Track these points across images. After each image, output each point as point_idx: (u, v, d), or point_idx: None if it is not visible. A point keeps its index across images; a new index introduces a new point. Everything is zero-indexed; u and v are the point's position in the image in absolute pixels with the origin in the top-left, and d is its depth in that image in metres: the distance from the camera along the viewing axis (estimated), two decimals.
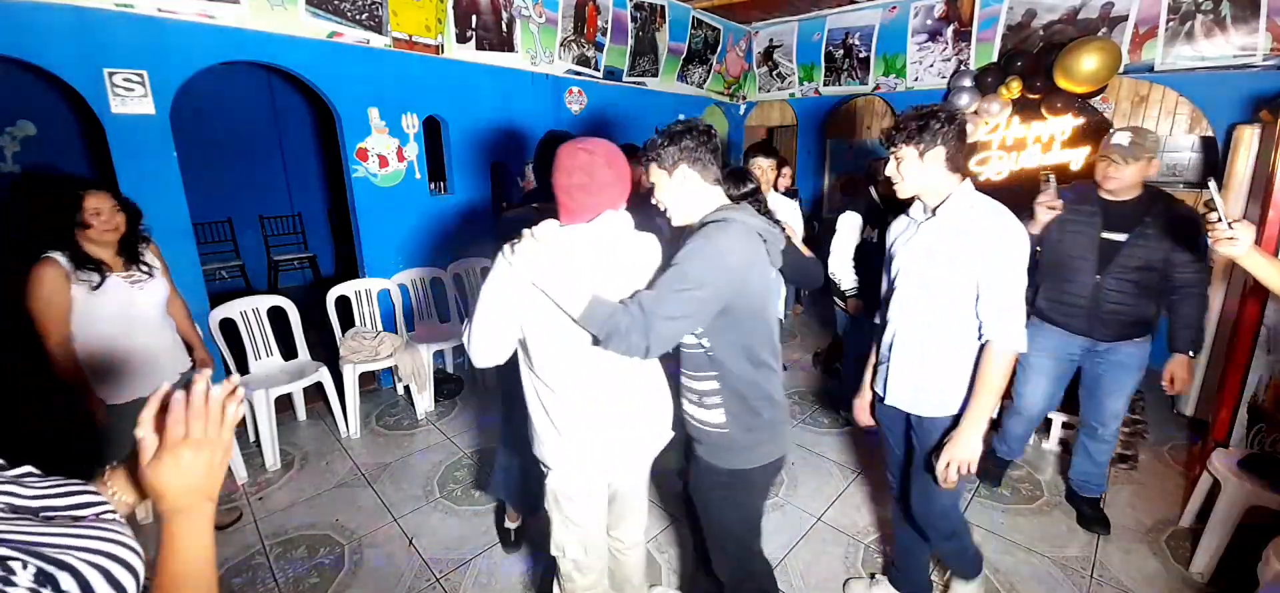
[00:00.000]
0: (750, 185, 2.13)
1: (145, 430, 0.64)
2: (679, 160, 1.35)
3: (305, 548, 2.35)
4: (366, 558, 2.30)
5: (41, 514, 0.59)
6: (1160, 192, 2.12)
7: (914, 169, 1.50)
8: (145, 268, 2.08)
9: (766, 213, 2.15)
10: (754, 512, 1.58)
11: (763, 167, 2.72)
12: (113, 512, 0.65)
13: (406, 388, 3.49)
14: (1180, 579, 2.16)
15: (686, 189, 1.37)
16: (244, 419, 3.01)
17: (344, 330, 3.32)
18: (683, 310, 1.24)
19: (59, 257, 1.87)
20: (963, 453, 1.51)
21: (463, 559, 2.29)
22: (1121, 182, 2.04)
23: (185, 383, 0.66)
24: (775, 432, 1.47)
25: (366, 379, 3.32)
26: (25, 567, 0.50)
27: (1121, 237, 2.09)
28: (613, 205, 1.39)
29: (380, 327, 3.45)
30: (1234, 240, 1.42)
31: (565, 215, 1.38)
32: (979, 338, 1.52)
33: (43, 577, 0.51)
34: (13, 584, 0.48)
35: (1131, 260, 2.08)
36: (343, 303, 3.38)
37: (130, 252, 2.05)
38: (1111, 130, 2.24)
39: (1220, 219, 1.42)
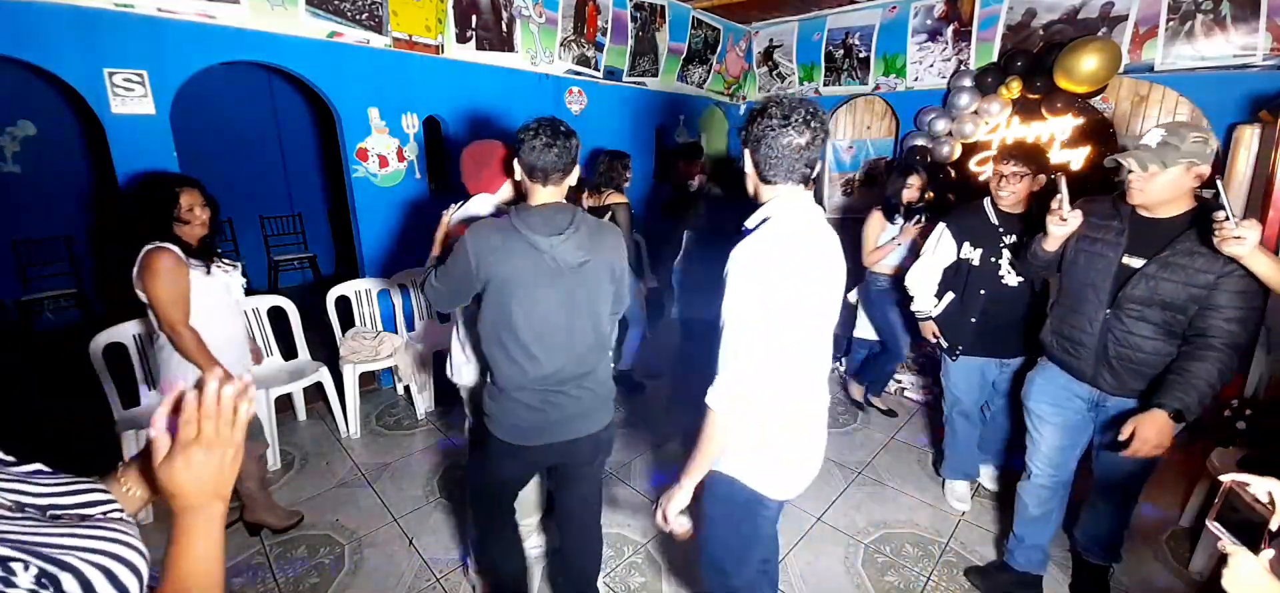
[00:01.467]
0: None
1: (159, 430, 0.65)
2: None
3: (305, 548, 2.36)
4: (366, 558, 2.30)
5: (49, 513, 0.59)
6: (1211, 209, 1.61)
7: None
8: (231, 261, 2.27)
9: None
10: (492, 482, 1.71)
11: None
12: (120, 511, 0.65)
13: (406, 388, 3.49)
14: (1180, 579, 2.16)
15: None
16: None
17: (344, 330, 3.32)
18: (442, 284, 1.56)
19: (171, 245, 2.01)
20: (667, 501, 1.33)
21: (462, 559, 2.29)
22: (1146, 195, 1.62)
23: (198, 383, 0.67)
24: (516, 421, 1.57)
25: (366, 379, 3.33)
26: (27, 568, 0.50)
27: (1140, 262, 1.68)
28: (485, 190, 1.88)
29: (380, 327, 3.45)
30: (1241, 240, 1.41)
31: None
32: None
33: (45, 578, 0.51)
34: (13, 585, 0.49)
35: (1145, 294, 1.65)
36: (343, 303, 3.38)
37: (210, 244, 2.20)
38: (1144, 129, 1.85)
39: (1228, 217, 1.42)
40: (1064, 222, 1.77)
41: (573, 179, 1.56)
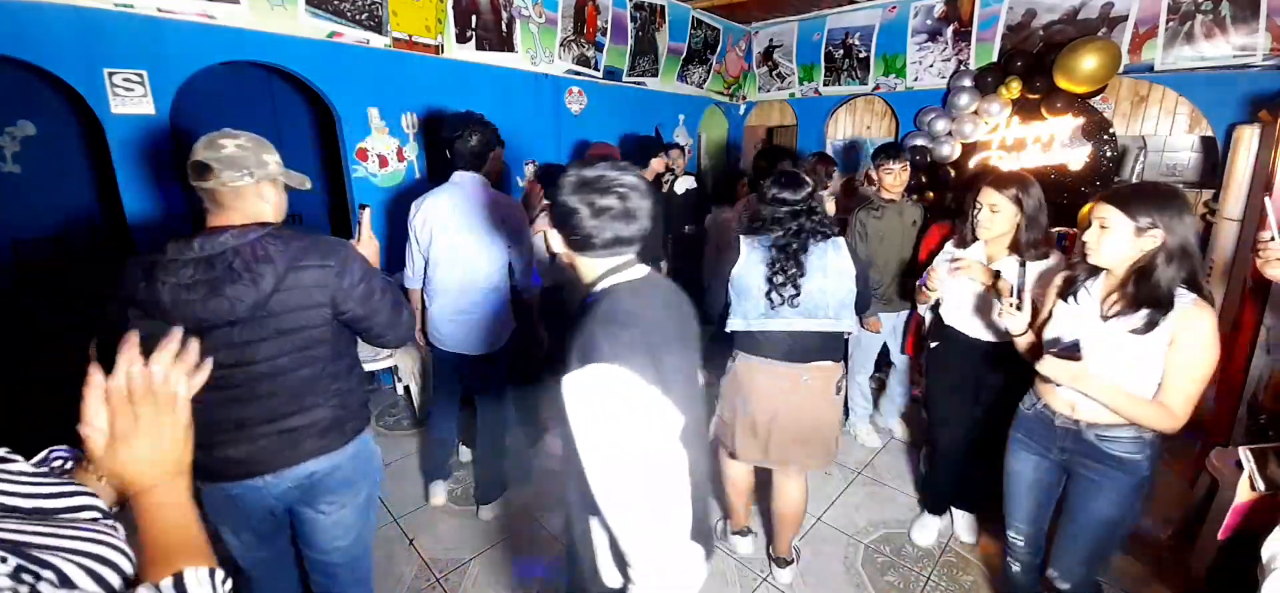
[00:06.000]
0: (804, 191, 1.86)
1: (88, 425, 0.61)
2: None
3: None
4: None
5: (34, 514, 0.59)
6: None
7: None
8: None
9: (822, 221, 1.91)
10: None
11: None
12: (106, 514, 0.64)
13: (406, 388, 3.49)
14: (1180, 578, 2.16)
15: None
16: None
17: None
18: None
19: None
20: None
21: (462, 560, 2.29)
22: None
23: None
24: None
25: (366, 379, 3.32)
26: (4, 562, 0.50)
27: None
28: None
29: None
30: None
31: None
32: None
33: (23, 573, 0.51)
34: None
35: None
36: None
37: None
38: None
39: (1274, 238, 1.37)
40: None
41: None
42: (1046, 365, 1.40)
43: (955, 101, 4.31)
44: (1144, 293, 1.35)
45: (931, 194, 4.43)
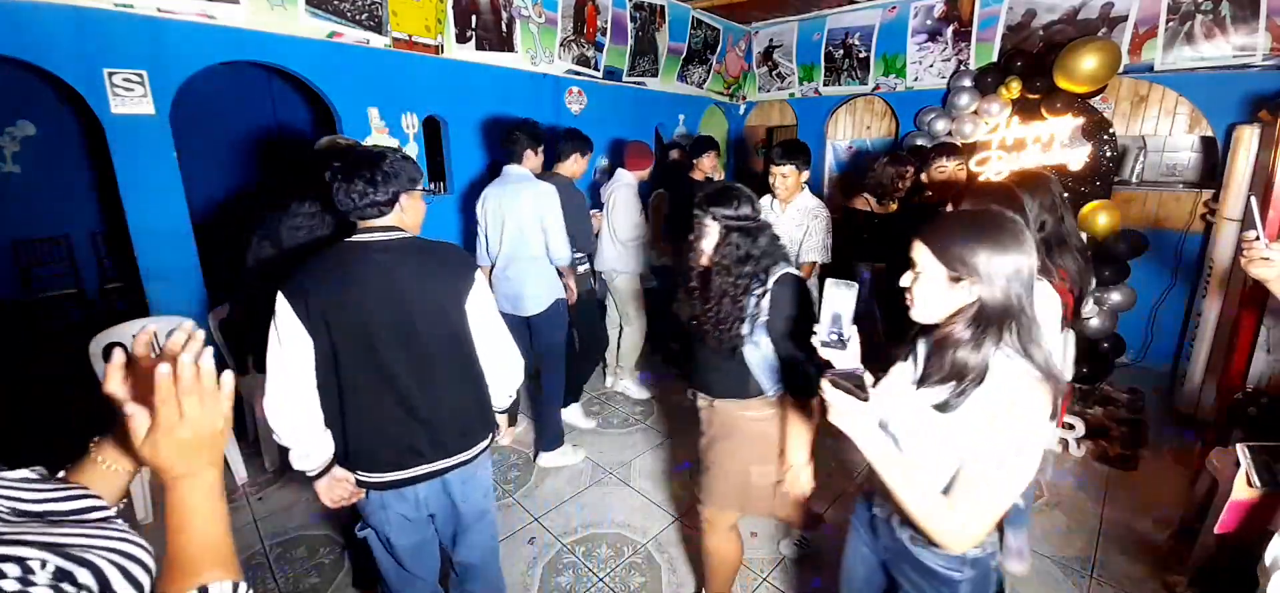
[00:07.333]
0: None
1: (131, 405, 0.60)
2: None
3: (305, 548, 2.36)
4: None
5: (47, 518, 0.59)
6: None
7: None
8: None
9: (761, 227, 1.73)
10: None
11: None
12: (115, 515, 0.65)
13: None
14: (1180, 578, 2.16)
15: None
16: (243, 419, 3.01)
17: None
18: None
19: None
20: None
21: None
22: None
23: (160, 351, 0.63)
24: None
25: None
26: (44, 565, 0.50)
27: None
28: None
29: None
30: (1269, 262, 1.34)
31: None
32: None
33: (61, 574, 0.51)
34: (32, 582, 0.48)
35: None
36: None
37: None
38: None
39: (1258, 237, 1.36)
40: None
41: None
42: (825, 390, 1.02)
43: (955, 102, 4.31)
44: (948, 362, 1.03)
45: (930, 194, 4.42)
